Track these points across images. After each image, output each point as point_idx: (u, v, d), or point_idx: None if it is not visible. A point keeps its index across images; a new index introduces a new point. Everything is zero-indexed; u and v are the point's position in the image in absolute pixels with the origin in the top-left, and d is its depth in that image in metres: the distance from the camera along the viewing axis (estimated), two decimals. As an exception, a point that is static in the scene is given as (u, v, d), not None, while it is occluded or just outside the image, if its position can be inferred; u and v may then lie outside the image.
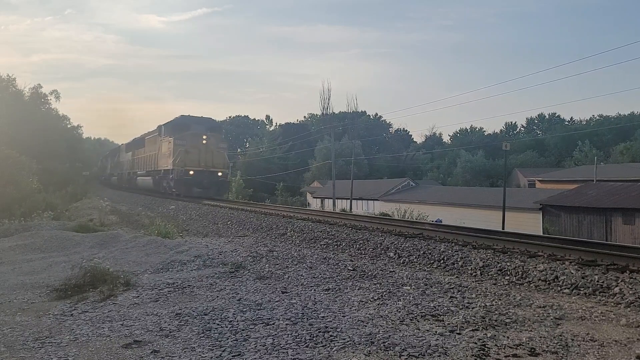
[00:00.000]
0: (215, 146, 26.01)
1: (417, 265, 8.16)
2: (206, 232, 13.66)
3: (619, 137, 63.86)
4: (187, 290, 5.80)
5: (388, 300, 5.35)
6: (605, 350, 3.84)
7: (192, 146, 25.22)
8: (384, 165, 72.07)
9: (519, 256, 7.56)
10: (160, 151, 28.32)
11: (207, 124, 27.46)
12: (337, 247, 10.03)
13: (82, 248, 9.41)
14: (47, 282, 6.50)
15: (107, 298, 5.52)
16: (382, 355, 3.68)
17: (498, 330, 4.32)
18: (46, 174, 26.66)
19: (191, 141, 25.34)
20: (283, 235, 12.03)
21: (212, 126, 27.61)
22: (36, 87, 42.54)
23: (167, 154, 26.39)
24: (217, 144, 26.35)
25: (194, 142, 25.39)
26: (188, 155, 25.02)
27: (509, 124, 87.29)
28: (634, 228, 26.54)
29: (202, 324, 4.46)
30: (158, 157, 28.81)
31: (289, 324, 4.42)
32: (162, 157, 27.70)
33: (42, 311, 5.16)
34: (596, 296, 5.82)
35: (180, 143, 25.16)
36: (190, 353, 3.75)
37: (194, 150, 25.21)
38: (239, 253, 8.05)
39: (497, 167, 62.70)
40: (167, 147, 26.68)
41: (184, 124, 26.65)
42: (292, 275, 6.58)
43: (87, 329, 4.42)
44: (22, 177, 18.84)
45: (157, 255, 8.13)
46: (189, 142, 25.28)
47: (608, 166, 48.27)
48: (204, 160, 25.36)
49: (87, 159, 61.02)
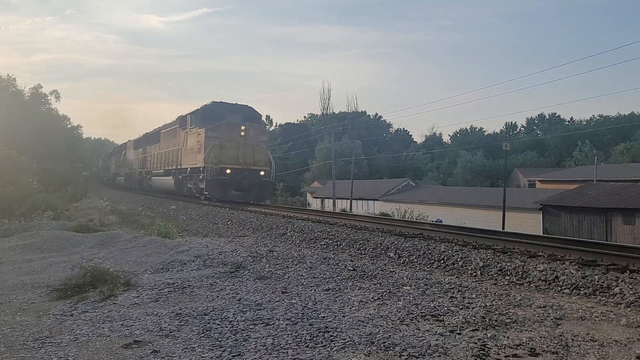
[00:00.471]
0: (256, 139, 21.43)
1: (417, 265, 8.15)
2: (206, 232, 13.66)
3: (619, 137, 63.86)
4: (187, 290, 5.80)
5: (388, 300, 5.35)
6: (605, 350, 3.84)
7: (229, 139, 20.76)
8: (384, 165, 72.07)
9: (519, 256, 7.56)
10: (185, 146, 23.71)
11: (244, 112, 22.64)
12: (337, 247, 10.03)
13: (82, 248, 9.40)
14: (47, 282, 6.49)
15: (107, 298, 5.51)
16: (382, 355, 3.68)
17: (498, 330, 4.32)
18: (46, 174, 26.65)
19: (227, 133, 20.87)
20: (283, 235, 12.03)
21: (250, 115, 22.72)
22: (36, 87, 42.59)
23: (196, 149, 21.86)
24: (258, 137, 21.65)
25: (230, 135, 20.87)
26: (224, 150, 20.57)
27: (509, 124, 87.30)
28: (634, 228, 26.53)
29: (202, 324, 4.46)
30: (181, 153, 24.22)
31: (289, 324, 4.42)
32: (188, 153, 23.08)
33: (42, 311, 5.16)
34: (596, 296, 5.82)
35: (213, 135, 20.69)
36: (190, 353, 3.75)
37: (231, 144, 20.75)
38: (239, 253, 8.05)
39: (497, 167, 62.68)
40: (195, 140, 22.13)
41: (217, 112, 22.00)
42: (292, 276, 6.57)
43: (87, 329, 4.42)
44: (22, 177, 18.84)
45: (157, 255, 8.13)
46: (224, 134, 20.80)
47: (608, 166, 48.26)
48: (243, 157, 20.94)
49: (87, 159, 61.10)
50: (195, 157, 21.85)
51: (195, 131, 22.13)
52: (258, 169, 21.21)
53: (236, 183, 20.66)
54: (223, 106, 22.39)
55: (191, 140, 22.77)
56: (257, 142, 21.53)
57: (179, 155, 24.53)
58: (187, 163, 23.21)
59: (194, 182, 22.41)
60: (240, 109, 22.65)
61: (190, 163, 22.72)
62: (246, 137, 21.08)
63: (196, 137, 21.97)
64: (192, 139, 22.57)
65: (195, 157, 21.97)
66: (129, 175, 39.65)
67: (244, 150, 20.96)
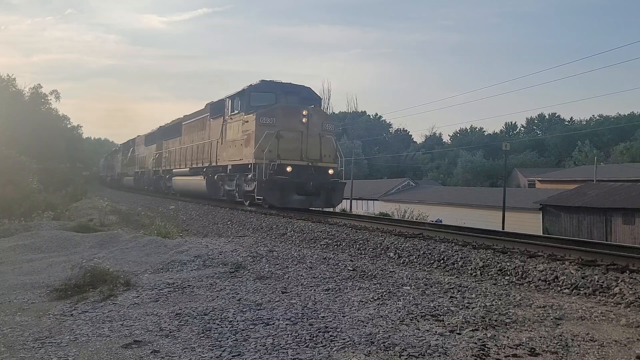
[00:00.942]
0: (320, 128, 16.56)
1: (417, 265, 8.16)
2: (206, 232, 13.66)
3: (619, 137, 63.93)
4: (187, 290, 5.80)
5: (388, 300, 5.35)
6: (605, 350, 3.85)
7: (288, 127, 15.97)
8: (384, 165, 72.11)
9: (519, 256, 7.56)
10: (222, 137, 19.05)
11: (302, 94, 17.77)
12: (337, 247, 10.03)
13: (82, 248, 9.40)
14: (47, 282, 6.49)
15: (107, 298, 5.51)
16: (382, 355, 3.68)
17: (498, 330, 4.32)
18: (46, 174, 26.61)
19: (285, 119, 16.08)
20: (283, 235, 12.03)
21: (309, 98, 17.87)
22: (36, 87, 42.66)
23: (241, 141, 17.06)
24: (323, 124, 16.79)
25: (289, 121, 16.09)
26: (282, 142, 15.81)
27: (509, 124, 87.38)
28: (634, 228, 26.55)
29: (202, 324, 4.46)
30: (216, 146, 19.61)
31: (289, 324, 4.42)
32: (228, 147, 18.40)
33: (42, 311, 5.16)
34: (596, 296, 5.82)
35: (267, 122, 15.89)
36: (190, 353, 3.75)
37: (291, 135, 15.95)
38: (239, 253, 8.04)
39: (497, 167, 62.72)
40: (239, 129, 17.37)
41: (267, 94, 17.28)
42: (292, 275, 6.58)
43: (87, 329, 4.42)
44: (22, 177, 18.84)
45: (157, 255, 8.13)
46: (281, 120, 16.00)
47: (608, 166, 48.30)
48: (307, 150, 16.11)
49: (87, 159, 61.09)
50: (240, 151, 17.13)
51: (240, 118, 17.40)
52: (326, 165, 16.44)
53: (299, 185, 15.64)
54: (275, 86, 17.41)
55: (232, 130, 18.06)
56: (323, 131, 16.64)
57: (213, 149, 19.99)
58: (226, 159, 18.61)
59: (236, 183, 17.90)
60: (298, 90, 17.75)
61: (231, 159, 18.06)
62: (309, 124, 16.20)
63: (241, 125, 17.18)
64: (235, 129, 17.80)
65: (239, 151, 17.25)
66: (140, 175, 35.26)
67: (308, 142, 16.13)
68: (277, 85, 17.46)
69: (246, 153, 16.57)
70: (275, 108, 16.40)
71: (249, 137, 16.47)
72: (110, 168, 52.72)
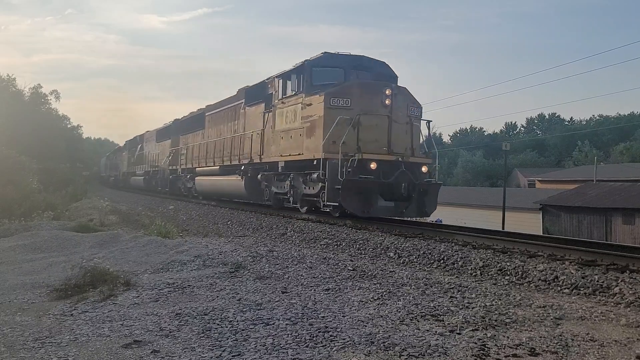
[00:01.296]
0: (407, 112, 12.71)
1: (417, 265, 8.16)
2: (206, 232, 13.65)
3: (619, 137, 63.97)
4: (187, 290, 5.80)
5: (388, 300, 5.35)
6: (605, 350, 3.84)
7: (368, 111, 12.06)
8: (384, 165, 71.91)
9: (519, 256, 7.56)
10: (271, 126, 14.94)
11: (377, 69, 13.69)
12: (337, 247, 10.03)
13: (82, 248, 9.41)
14: (47, 282, 6.49)
15: (107, 298, 5.51)
16: (382, 355, 3.68)
17: (498, 330, 4.32)
18: (46, 174, 26.62)
19: (363, 100, 12.19)
20: (283, 235, 12.03)
21: (386, 75, 13.67)
22: (36, 87, 42.75)
23: (303, 130, 13.10)
24: (409, 109, 12.83)
25: (369, 103, 12.19)
26: (362, 130, 11.93)
27: (509, 124, 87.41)
28: (634, 228, 26.55)
29: (202, 324, 4.46)
30: (261, 139, 15.64)
31: (289, 323, 4.42)
32: (282, 138, 14.25)
33: (42, 311, 5.16)
34: (596, 296, 5.82)
35: (340, 104, 12.13)
36: (190, 353, 3.75)
37: (374, 120, 12.14)
38: (239, 253, 8.04)
39: (497, 167, 62.72)
40: (297, 115, 13.48)
41: (335, 68, 13.36)
42: (292, 275, 6.57)
43: (87, 329, 4.42)
44: (22, 177, 18.85)
45: (157, 255, 8.13)
46: (358, 101, 12.14)
47: (608, 166, 48.31)
48: (395, 141, 12.29)
49: (87, 159, 61.12)
50: (299, 144, 13.22)
51: (298, 101, 13.44)
52: (419, 161, 12.64)
53: (388, 187, 11.64)
54: (343, 60, 13.44)
55: (285, 117, 14.16)
56: (410, 116, 12.76)
57: (255, 143, 16.13)
58: (275, 154, 14.65)
59: (290, 184, 14.13)
60: (371, 65, 13.66)
61: (284, 154, 14.03)
62: (394, 107, 12.19)
63: (300, 110, 13.29)
64: (290, 115, 13.91)
65: (297, 144, 13.32)
66: (152, 175, 31.89)
67: (394, 131, 12.23)
68: (344, 59, 13.50)
69: (309, 145, 12.75)
70: (350, 86, 12.49)
71: (313, 125, 12.65)
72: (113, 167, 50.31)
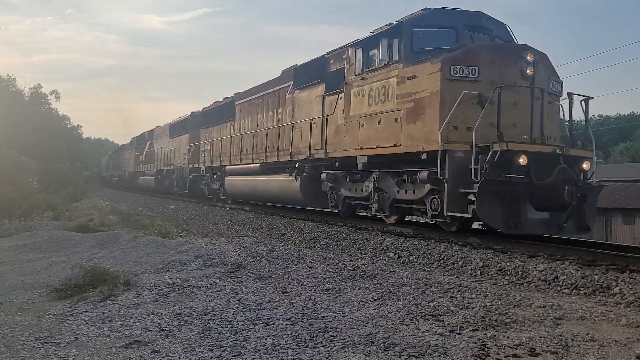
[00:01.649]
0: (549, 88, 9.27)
1: (417, 265, 8.16)
2: (206, 232, 13.65)
3: (619, 137, 63.86)
4: (187, 290, 5.80)
5: (388, 300, 5.35)
6: (605, 350, 3.85)
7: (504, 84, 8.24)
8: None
9: (518, 256, 7.56)
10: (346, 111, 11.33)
11: (496, 32, 10.07)
12: (337, 247, 10.04)
13: (82, 248, 9.40)
14: (47, 282, 6.49)
15: (107, 298, 5.51)
16: (382, 355, 3.68)
17: (498, 330, 4.32)
18: (46, 174, 26.60)
19: (496, 70, 8.59)
20: (283, 235, 12.04)
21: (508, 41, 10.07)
22: (36, 87, 42.70)
23: (403, 112, 9.47)
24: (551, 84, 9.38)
25: (504, 74, 8.55)
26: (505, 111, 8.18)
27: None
28: (634, 228, 26.54)
29: (202, 324, 4.46)
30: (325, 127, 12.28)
31: (289, 324, 4.42)
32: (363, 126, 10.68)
33: (42, 311, 5.16)
34: (596, 296, 5.83)
35: (463, 75, 8.54)
36: (190, 353, 3.76)
37: (516, 97, 8.55)
38: (239, 253, 8.04)
39: (497, 167, 62.52)
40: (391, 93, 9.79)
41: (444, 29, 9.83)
42: (292, 275, 6.57)
43: (87, 329, 4.42)
44: (22, 177, 18.84)
45: (157, 255, 8.13)
46: (489, 71, 8.55)
47: (608, 166, 48.24)
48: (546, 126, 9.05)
49: (87, 159, 61.13)
50: (394, 131, 9.72)
51: (391, 73, 9.91)
52: (581, 155, 9.12)
53: (544, 191, 8.23)
54: (454, 18, 9.84)
55: (368, 96, 10.55)
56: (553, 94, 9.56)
57: (315, 134, 12.80)
58: (352, 146, 11.10)
59: (374, 186, 10.67)
60: (489, 26, 10.06)
61: (370, 145, 10.46)
62: (536, 80, 8.79)
63: (395, 85, 9.73)
64: (377, 93, 10.27)
65: (391, 131, 9.81)
66: (166, 175, 28.56)
67: (545, 113, 9.00)
68: (457, 16, 9.88)
69: (413, 133, 9.30)
70: (477, 50, 9.10)
71: (419, 105, 9.16)
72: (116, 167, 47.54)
